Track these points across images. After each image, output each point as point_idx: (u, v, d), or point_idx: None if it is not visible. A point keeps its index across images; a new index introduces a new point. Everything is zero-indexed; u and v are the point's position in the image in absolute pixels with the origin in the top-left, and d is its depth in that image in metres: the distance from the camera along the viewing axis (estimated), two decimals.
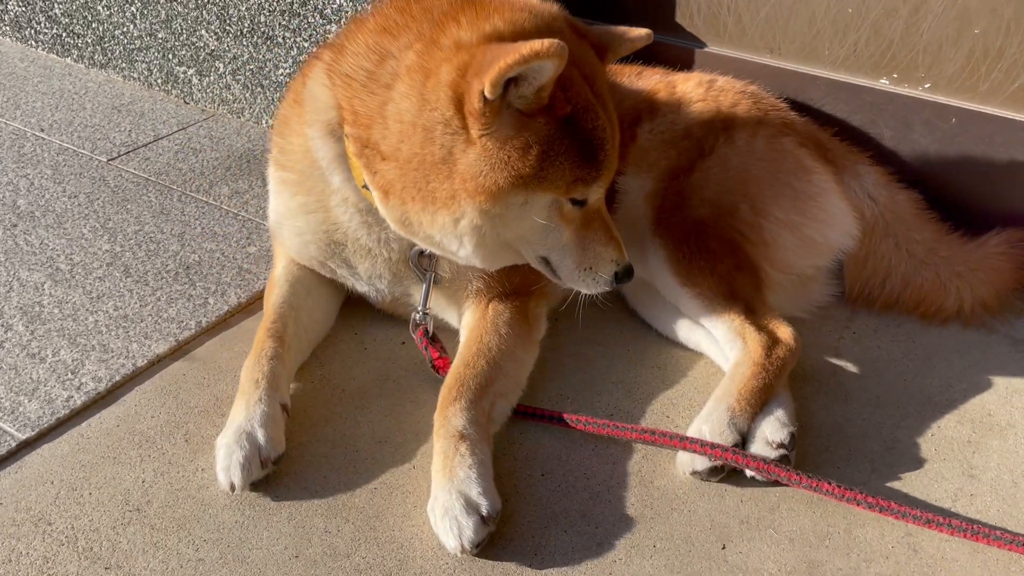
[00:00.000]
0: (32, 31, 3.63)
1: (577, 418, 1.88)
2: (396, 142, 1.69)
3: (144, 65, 3.36)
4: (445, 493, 1.65)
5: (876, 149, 2.48)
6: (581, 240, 1.80)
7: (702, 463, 1.79)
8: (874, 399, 2.04)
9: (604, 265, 1.82)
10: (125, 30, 3.33)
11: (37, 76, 3.46)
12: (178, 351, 2.13)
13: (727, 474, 1.82)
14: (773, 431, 1.83)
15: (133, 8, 3.26)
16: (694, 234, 2.09)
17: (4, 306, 2.25)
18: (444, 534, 1.63)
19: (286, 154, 1.98)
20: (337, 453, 1.86)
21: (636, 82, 2.37)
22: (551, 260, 1.83)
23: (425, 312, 2.00)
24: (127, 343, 2.13)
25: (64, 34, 3.53)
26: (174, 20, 3.18)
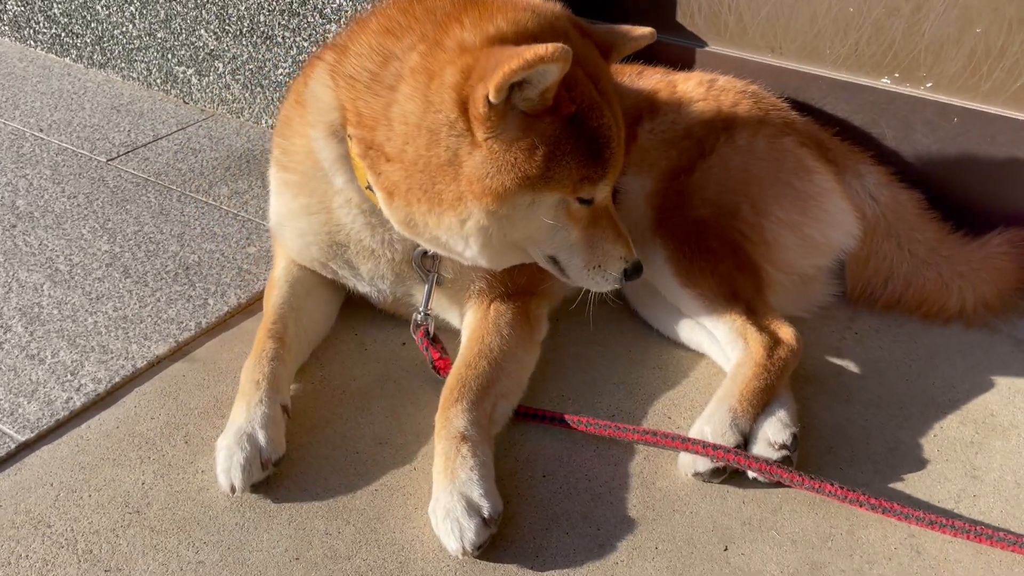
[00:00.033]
0: (31, 31, 3.62)
1: (578, 419, 1.87)
2: (401, 144, 1.68)
3: (143, 65, 3.35)
4: (447, 495, 1.65)
5: (878, 149, 2.47)
6: (589, 238, 1.79)
7: (704, 464, 1.79)
8: (876, 399, 2.04)
9: (613, 263, 1.82)
10: (124, 30, 3.32)
11: (36, 76, 3.45)
12: (178, 352, 2.13)
13: (729, 475, 1.81)
14: (775, 432, 1.82)
15: (132, 8, 3.25)
16: (695, 234, 2.09)
17: (3, 307, 2.24)
18: (445, 536, 1.62)
19: (288, 155, 1.97)
20: (337, 455, 1.86)
21: (637, 81, 2.36)
22: (559, 259, 1.83)
23: (427, 313, 2.00)
24: (127, 344, 2.13)
25: (63, 34, 3.52)
26: (173, 20, 3.17)
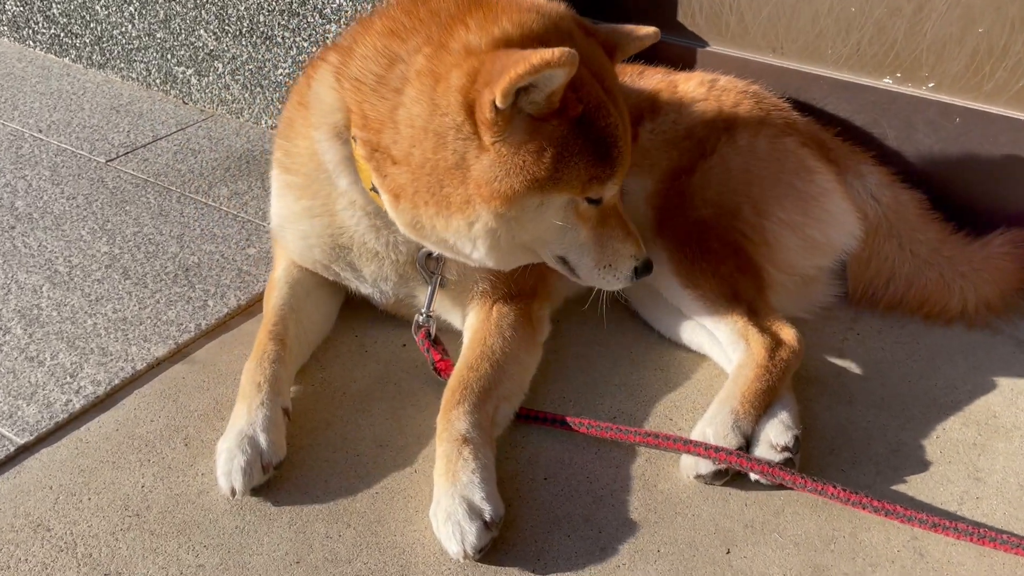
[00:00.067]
0: (30, 31, 3.62)
1: (580, 421, 1.87)
2: (407, 147, 1.67)
3: (143, 65, 3.34)
4: (448, 498, 1.64)
5: (879, 149, 2.46)
6: (599, 238, 1.79)
7: (706, 467, 1.78)
8: (878, 401, 2.03)
9: (623, 261, 1.81)
10: (123, 30, 3.32)
11: (35, 76, 3.44)
12: (177, 354, 2.12)
13: (731, 477, 1.81)
14: (777, 434, 1.82)
15: (131, 8, 3.25)
16: (696, 235, 2.08)
17: (2, 309, 2.23)
18: (447, 539, 1.61)
19: (291, 157, 1.96)
20: (338, 457, 1.85)
21: (638, 81, 2.35)
22: (569, 259, 1.82)
23: (429, 315, 1.99)
24: (126, 346, 2.12)
25: (62, 34, 3.51)
26: (173, 20, 3.16)
